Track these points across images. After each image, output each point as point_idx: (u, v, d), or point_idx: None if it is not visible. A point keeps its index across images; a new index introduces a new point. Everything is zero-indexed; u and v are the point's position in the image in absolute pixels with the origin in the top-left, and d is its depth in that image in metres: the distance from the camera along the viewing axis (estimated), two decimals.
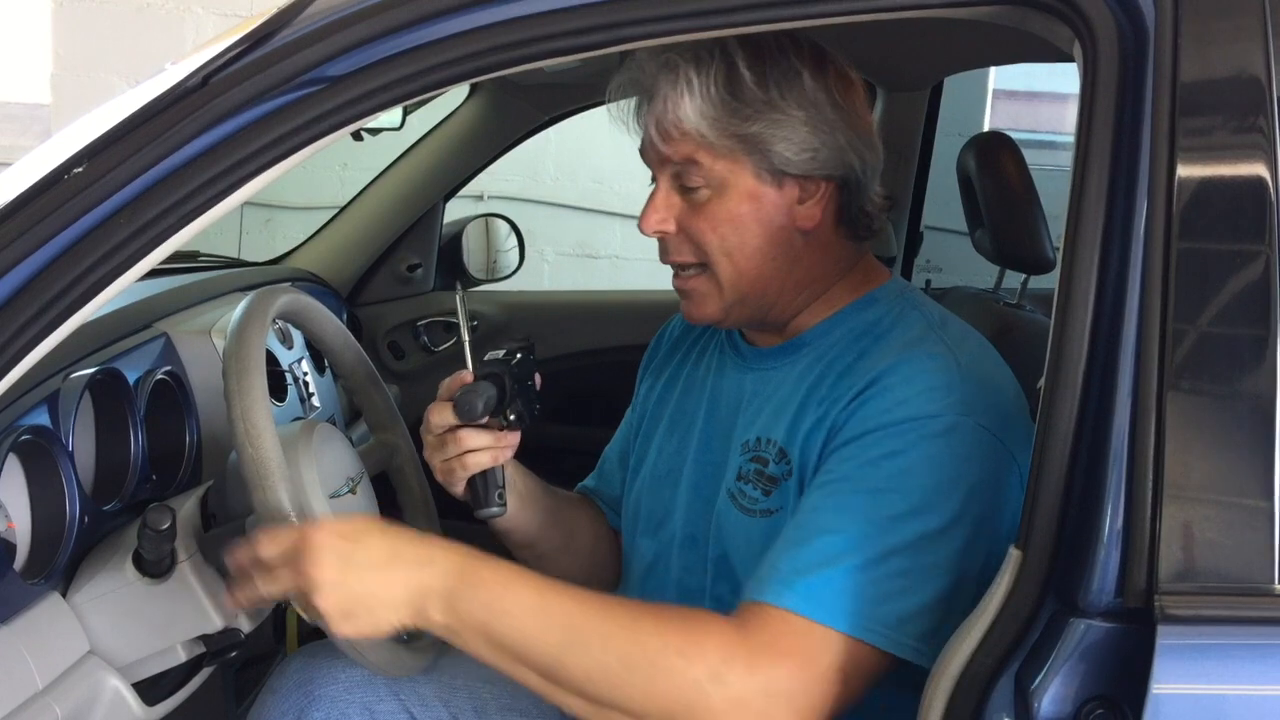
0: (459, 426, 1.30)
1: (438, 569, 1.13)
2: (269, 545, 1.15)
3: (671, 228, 1.31)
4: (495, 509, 1.34)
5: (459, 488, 1.34)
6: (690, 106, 1.25)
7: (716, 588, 1.34)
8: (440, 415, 1.31)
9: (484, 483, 1.34)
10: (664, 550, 1.41)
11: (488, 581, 1.12)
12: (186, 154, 1.00)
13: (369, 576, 1.12)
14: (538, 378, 1.37)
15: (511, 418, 1.31)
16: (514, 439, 1.34)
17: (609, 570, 1.55)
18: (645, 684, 1.09)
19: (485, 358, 1.35)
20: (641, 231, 1.33)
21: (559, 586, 1.13)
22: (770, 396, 1.34)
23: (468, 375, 1.31)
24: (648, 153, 1.32)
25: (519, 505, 1.41)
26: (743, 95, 1.25)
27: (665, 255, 1.34)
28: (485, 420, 1.30)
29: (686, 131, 1.26)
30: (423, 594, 1.12)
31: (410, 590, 1.12)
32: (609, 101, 1.36)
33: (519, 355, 1.35)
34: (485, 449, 1.32)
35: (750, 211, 1.28)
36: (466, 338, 1.36)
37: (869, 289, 1.36)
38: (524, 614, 1.11)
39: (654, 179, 1.33)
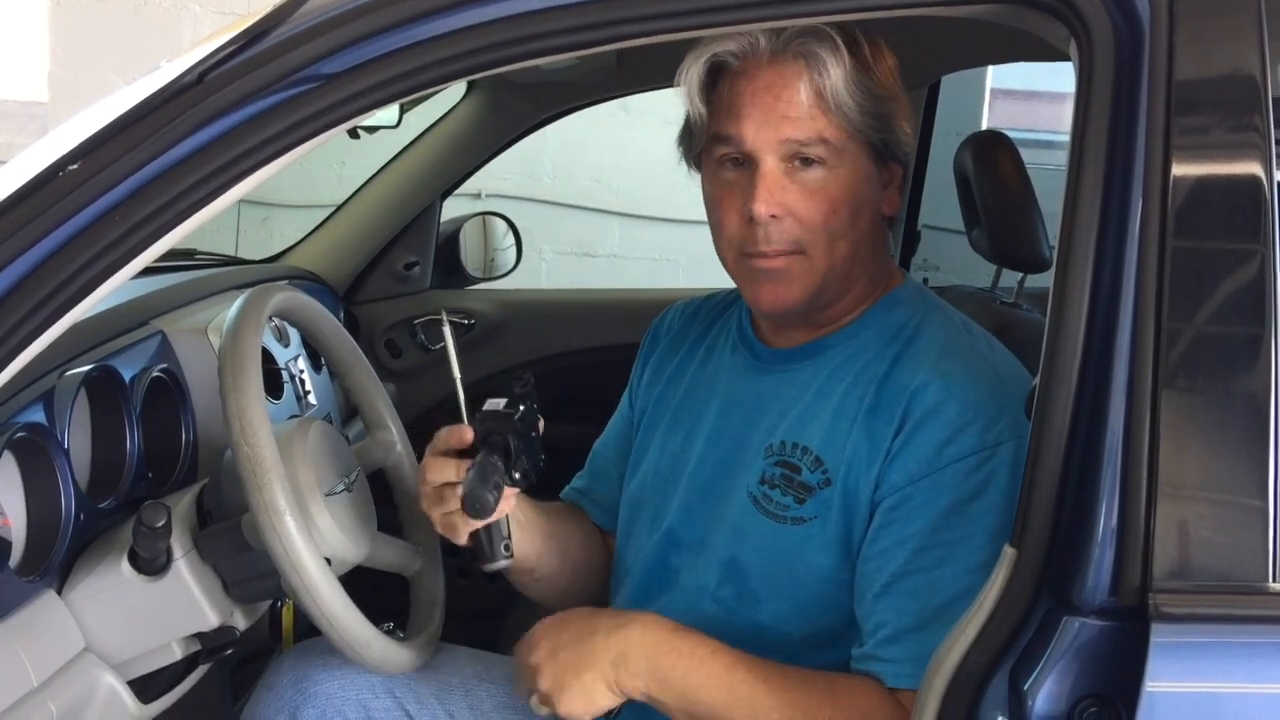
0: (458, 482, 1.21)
1: (633, 632, 1.22)
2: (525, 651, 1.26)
3: (781, 211, 1.25)
4: (503, 561, 1.27)
5: (462, 540, 1.27)
6: (842, 78, 1.23)
7: (721, 590, 1.33)
8: (438, 471, 1.23)
9: (488, 535, 1.26)
10: (666, 549, 1.40)
11: (684, 654, 1.21)
12: (182, 151, 1.00)
13: (572, 650, 1.23)
14: (540, 424, 1.28)
15: (517, 475, 1.22)
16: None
17: (600, 578, 1.54)
18: None
19: (484, 407, 1.25)
20: (755, 217, 1.25)
21: (744, 664, 1.21)
22: (795, 400, 1.32)
23: (467, 432, 1.22)
24: (760, 129, 1.24)
25: (519, 534, 1.34)
26: (871, 74, 1.26)
27: (763, 242, 1.26)
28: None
29: (840, 104, 1.23)
30: (621, 657, 1.21)
31: (610, 653, 1.22)
32: (678, 84, 1.30)
33: (522, 408, 1.25)
34: None
35: (863, 193, 1.28)
36: (458, 380, 1.25)
37: (891, 288, 1.36)
38: (715, 690, 1.20)
39: (733, 160, 1.27)
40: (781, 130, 1.24)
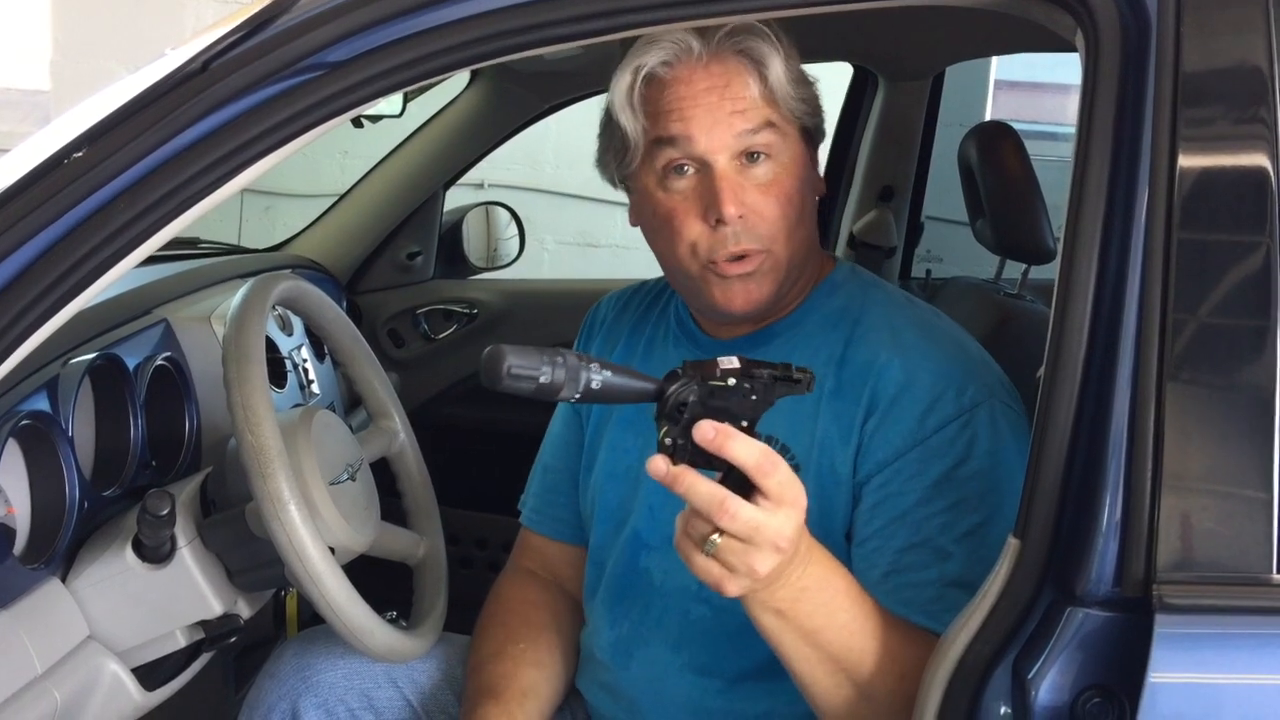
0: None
1: (804, 563, 1.06)
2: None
3: (746, 210, 1.24)
4: None
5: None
6: (781, 68, 1.25)
7: (705, 590, 1.25)
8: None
9: None
10: (634, 551, 1.37)
11: (840, 591, 1.09)
12: (187, 139, 1.00)
13: (784, 567, 1.03)
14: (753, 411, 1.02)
15: (667, 441, 0.98)
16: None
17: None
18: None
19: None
20: (724, 219, 1.22)
21: (870, 611, 1.11)
22: None
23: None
24: (711, 129, 1.23)
25: None
26: (797, 60, 1.28)
27: (732, 244, 1.23)
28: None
29: (783, 94, 1.25)
30: (788, 579, 1.05)
31: (788, 573, 1.05)
32: (609, 100, 1.31)
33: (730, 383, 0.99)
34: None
35: (805, 179, 1.29)
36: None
37: (825, 274, 1.37)
38: (847, 627, 1.09)
39: (679, 168, 1.25)
40: (733, 125, 1.23)
